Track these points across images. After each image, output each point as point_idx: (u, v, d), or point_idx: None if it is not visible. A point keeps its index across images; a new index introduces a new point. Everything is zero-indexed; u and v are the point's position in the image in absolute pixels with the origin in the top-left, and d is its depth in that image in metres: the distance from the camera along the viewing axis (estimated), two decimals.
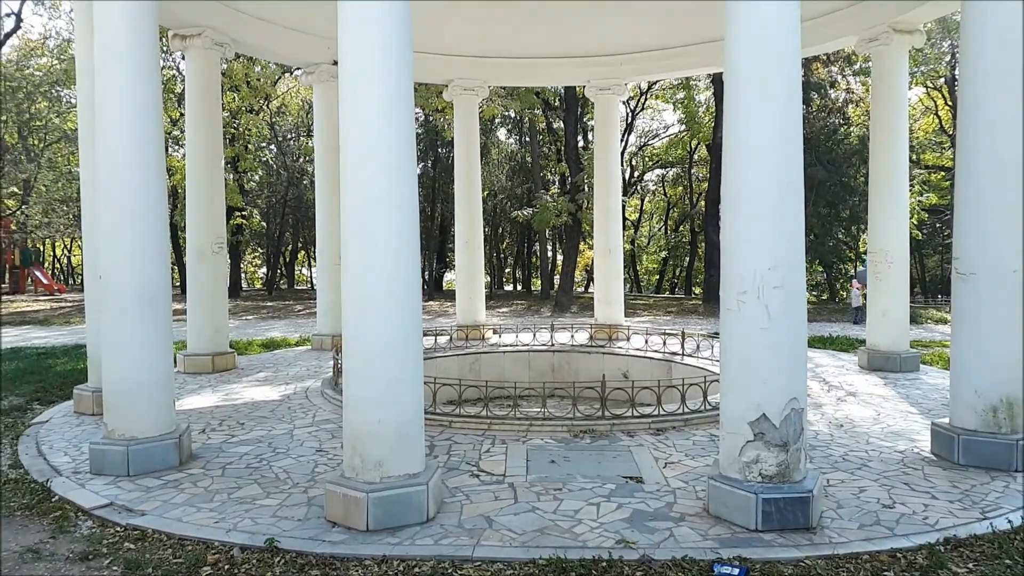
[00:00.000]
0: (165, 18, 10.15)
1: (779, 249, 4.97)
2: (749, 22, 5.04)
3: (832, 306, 26.52)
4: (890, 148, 10.71)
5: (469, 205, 14.60)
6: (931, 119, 32.89)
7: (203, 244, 11.03)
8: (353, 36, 5.09)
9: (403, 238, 5.12)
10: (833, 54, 25.45)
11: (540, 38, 12.97)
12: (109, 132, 6.23)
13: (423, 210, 33.85)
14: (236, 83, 25.61)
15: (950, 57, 27.07)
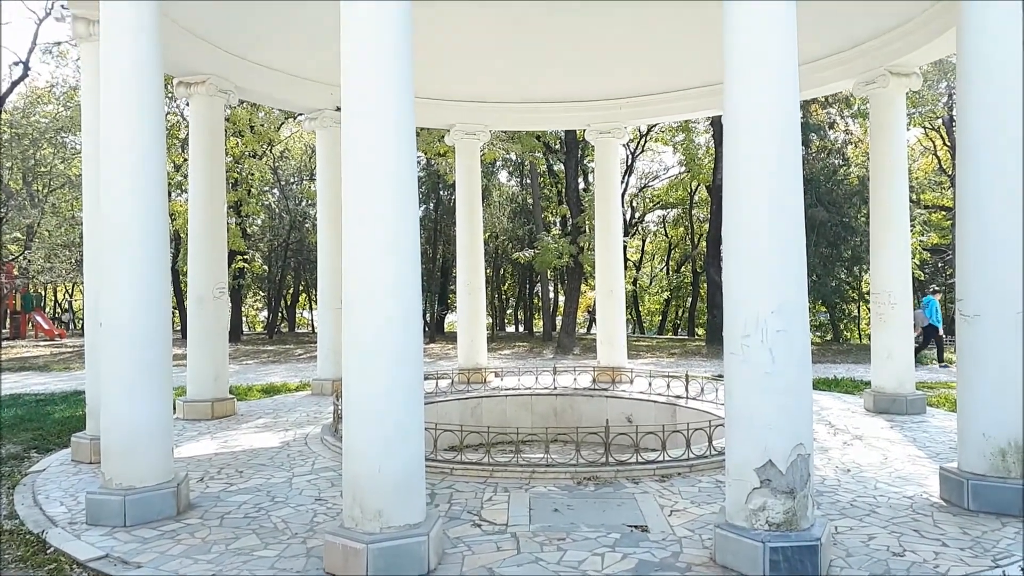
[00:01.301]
0: (170, 66, 10.29)
1: (782, 292, 4.94)
2: (747, 68, 5.08)
3: (836, 347, 26.39)
4: (890, 189, 10.75)
5: (471, 247, 14.63)
6: (930, 159, 33.15)
7: (204, 289, 11.03)
8: (356, 84, 5.14)
9: (405, 282, 5.10)
10: (831, 96, 25.75)
11: (541, 84, 13.14)
12: (112, 179, 6.26)
13: (425, 252, 33.96)
14: (240, 128, 25.92)
15: (947, 98, 27.38)
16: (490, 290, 39.70)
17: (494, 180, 37.37)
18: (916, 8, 9.30)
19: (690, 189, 36.68)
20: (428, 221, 34.47)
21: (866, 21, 9.97)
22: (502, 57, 11.75)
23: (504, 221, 38.63)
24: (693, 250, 37.90)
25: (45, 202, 32.92)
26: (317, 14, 9.14)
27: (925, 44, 9.62)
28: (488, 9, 9.97)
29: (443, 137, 15.77)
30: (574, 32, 10.69)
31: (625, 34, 10.78)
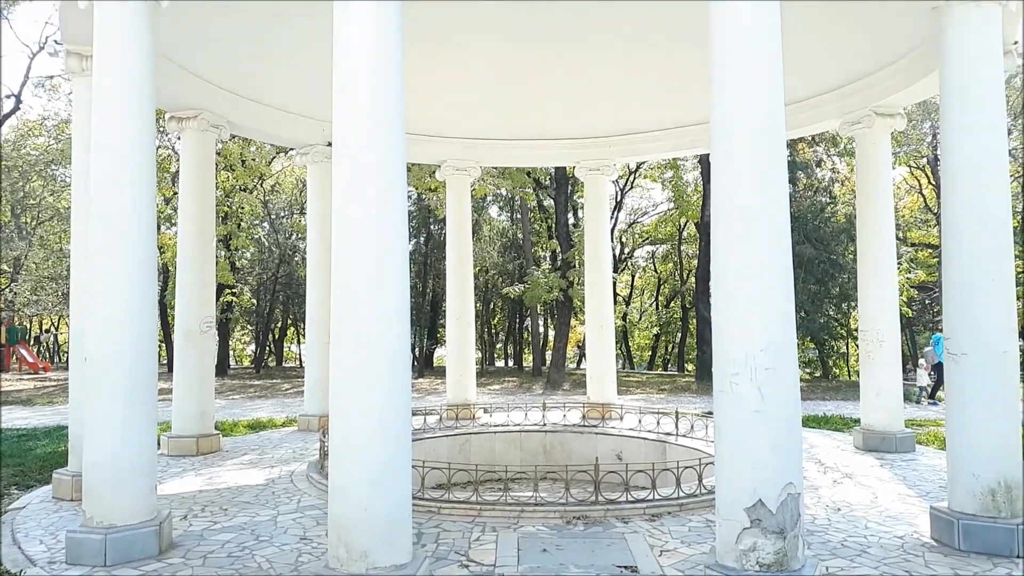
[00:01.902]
0: (162, 100, 10.33)
1: (771, 330, 4.96)
2: (733, 108, 5.15)
3: (825, 384, 26.41)
4: (876, 227, 10.85)
5: (461, 282, 14.62)
6: (916, 197, 33.53)
7: (191, 324, 10.95)
8: (347, 120, 5.19)
9: (394, 316, 5.10)
10: (818, 135, 26.10)
11: (531, 121, 13.26)
12: (101, 213, 6.24)
13: (415, 286, 33.93)
14: (231, 163, 25.97)
15: (932, 137, 27.78)
16: (480, 324, 39.62)
17: (484, 215, 37.53)
18: (900, 51, 9.47)
19: (679, 225, 36.89)
20: (418, 255, 34.49)
21: (851, 63, 10.15)
22: (493, 95, 11.87)
23: (494, 255, 38.71)
24: (682, 286, 38.03)
25: (33, 234, 32.78)
26: (310, 51, 9.23)
27: (909, 86, 9.78)
28: (479, 49, 10.11)
29: (434, 172, 15.84)
30: (564, 71, 10.83)
31: (614, 73, 10.93)
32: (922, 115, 26.95)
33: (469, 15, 9.10)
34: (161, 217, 26.82)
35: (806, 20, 8.44)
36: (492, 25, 9.41)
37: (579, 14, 9.08)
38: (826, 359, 31.04)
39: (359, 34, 5.24)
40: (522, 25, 9.37)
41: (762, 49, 5.17)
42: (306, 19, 8.65)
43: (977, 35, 6.43)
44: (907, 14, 7.96)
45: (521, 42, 9.91)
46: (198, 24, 8.73)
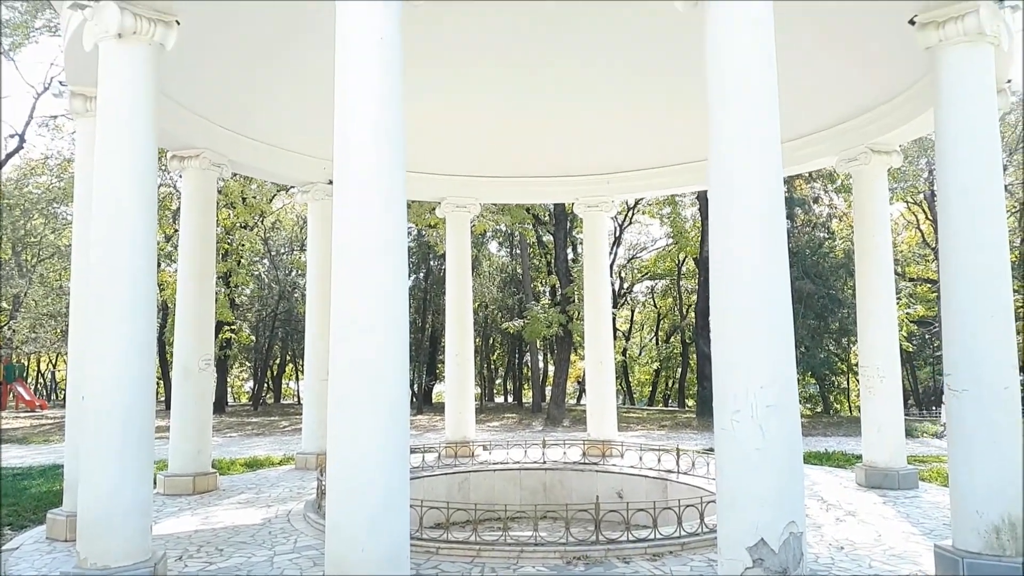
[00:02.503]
0: (164, 139, 10.42)
1: (771, 367, 4.96)
2: (731, 146, 5.20)
3: (827, 419, 26.26)
4: (875, 263, 10.87)
5: (460, 318, 14.61)
6: (914, 233, 33.68)
7: (190, 361, 10.92)
8: (348, 159, 5.24)
9: (392, 353, 5.10)
10: (815, 171, 26.29)
11: (530, 159, 13.38)
12: (102, 252, 6.27)
13: (414, 322, 33.89)
14: (232, 200, 26.13)
15: (928, 173, 27.99)
16: (479, 360, 39.50)
17: (484, 250, 37.63)
18: (895, 89, 9.59)
19: (677, 260, 37.00)
20: (418, 291, 34.53)
21: (847, 101, 10.28)
22: (492, 133, 12.00)
23: (494, 291, 38.74)
24: (682, 321, 38.00)
25: (33, 272, 32.82)
26: (311, 90, 9.34)
27: (905, 123, 9.88)
28: (479, 87, 10.24)
29: (434, 209, 15.93)
30: (562, 109, 10.96)
31: (612, 110, 11.06)
32: (918, 151, 27.18)
33: (469, 54, 9.24)
34: (161, 255, 26.92)
35: (802, 59, 8.57)
36: (491, 63, 9.56)
37: (577, 52, 9.22)
38: (827, 394, 30.92)
39: (361, 74, 5.32)
40: (521, 64, 9.51)
41: (759, 87, 5.24)
42: (308, 59, 8.78)
43: (971, 74, 6.52)
44: (902, 53, 8.07)
45: (520, 80, 10.04)
46: (201, 65, 8.86)
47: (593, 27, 8.45)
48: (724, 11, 5.34)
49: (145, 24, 6.45)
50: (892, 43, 7.86)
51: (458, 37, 8.71)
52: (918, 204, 31.87)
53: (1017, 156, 26.18)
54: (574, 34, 8.69)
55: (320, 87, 7.33)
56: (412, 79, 5.98)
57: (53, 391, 51.45)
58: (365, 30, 5.37)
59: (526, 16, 8.17)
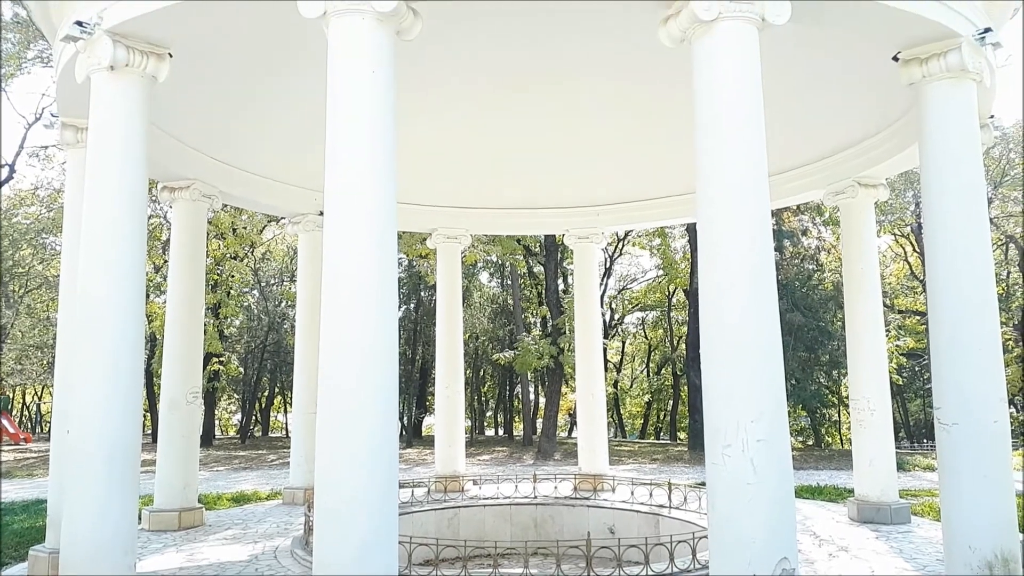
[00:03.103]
0: (155, 171, 10.40)
1: (761, 401, 4.95)
2: (718, 178, 5.24)
3: (818, 452, 26.19)
4: (863, 296, 10.92)
5: (450, 350, 14.54)
6: (902, 265, 33.92)
7: (177, 394, 10.80)
8: (339, 190, 5.26)
9: (381, 385, 5.07)
10: (803, 204, 26.52)
11: (521, 191, 13.44)
12: (90, 283, 6.24)
13: (404, 353, 33.73)
14: (222, 231, 26.09)
15: (915, 206, 28.28)
16: (470, 392, 39.29)
17: (475, 281, 37.64)
18: (880, 124, 9.71)
19: (668, 292, 37.10)
20: (408, 322, 34.42)
21: (833, 136, 10.39)
22: (483, 165, 12.06)
23: (485, 322, 38.67)
24: (673, 352, 37.97)
25: (21, 303, 32.59)
26: (303, 122, 9.37)
27: (891, 157, 10.00)
28: (470, 119, 10.31)
29: (425, 239, 15.95)
30: (552, 142, 11.04)
31: (601, 144, 11.14)
32: (904, 184, 27.49)
33: (460, 86, 9.31)
34: (151, 286, 26.79)
35: (789, 94, 8.67)
36: (482, 96, 9.63)
37: (567, 85, 9.30)
38: (818, 427, 30.85)
39: (353, 106, 5.36)
40: (512, 96, 9.59)
41: (745, 123, 5.30)
42: (300, 91, 8.81)
43: (954, 110, 6.62)
44: (887, 89, 8.18)
45: (511, 113, 10.12)
46: (193, 96, 8.89)
47: (582, 61, 8.54)
48: (710, 49, 5.42)
49: (138, 57, 6.49)
50: (877, 79, 7.97)
51: (449, 70, 8.79)
52: (905, 236, 32.15)
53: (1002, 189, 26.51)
54: (564, 68, 8.78)
55: (312, 119, 7.37)
56: (403, 111, 6.02)
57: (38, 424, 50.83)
58: (357, 64, 5.43)
59: (517, 49, 8.26)
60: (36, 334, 33.00)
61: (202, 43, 7.31)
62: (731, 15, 5.41)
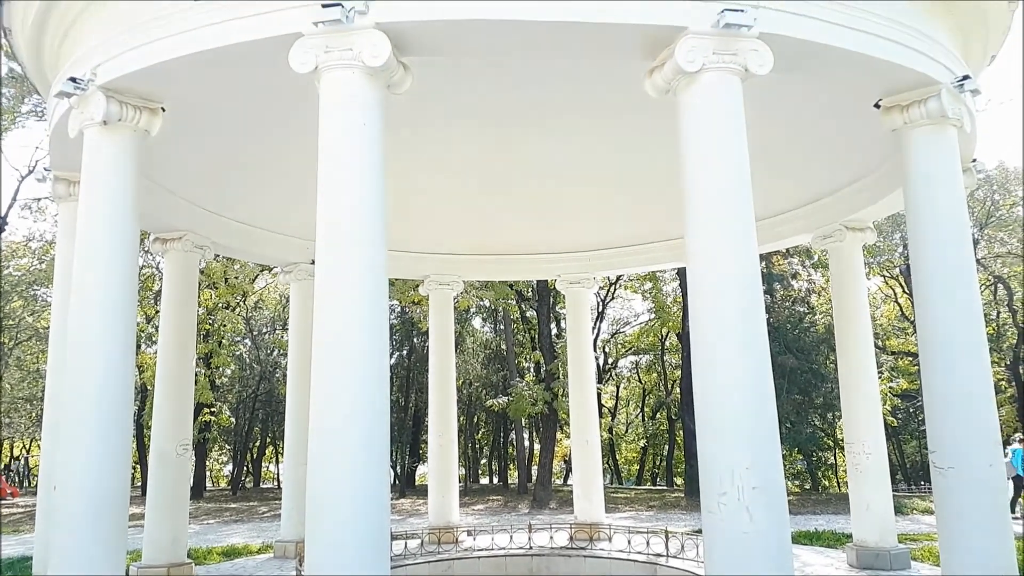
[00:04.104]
0: (147, 222, 10.42)
1: (756, 447, 4.92)
2: (706, 223, 5.29)
3: (815, 496, 25.94)
4: (855, 338, 10.93)
5: (443, 397, 14.44)
6: (892, 306, 34.08)
7: (167, 447, 10.65)
8: (331, 239, 5.29)
9: (373, 436, 5.03)
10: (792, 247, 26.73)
11: (512, 237, 13.51)
12: (80, 335, 6.20)
13: (396, 401, 33.49)
14: (214, 281, 26.08)
15: (903, 248, 28.55)
16: (463, 439, 38.93)
17: (468, 327, 37.56)
18: (865, 168, 9.83)
19: (660, 335, 37.10)
20: (400, 369, 34.26)
21: (818, 180, 10.51)
22: (473, 211, 12.14)
23: (478, 368, 38.51)
24: (667, 397, 37.81)
25: (10, 355, 32.34)
26: (294, 172, 9.46)
27: (876, 202, 10.11)
28: (459, 166, 10.42)
29: (417, 286, 15.96)
30: (542, 188, 11.13)
31: (591, 190, 11.24)
32: (892, 227, 27.79)
33: (449, 134, 9.42)
34: (142, 336, 26.65)
35: (773, 140, 8.81)
36: (472, 143, 9.74)
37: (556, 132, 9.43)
38: (815, 471, 30.64)
39: (343, 157, 5.43)
40: (501, 143, 9.71)
41: (731, 169, 5.38)
42: (291, 141, 8.89)
43: (936, 155, 6.74)
44: (870, 135, 8.32)
45: (501, 159, 10.22)
46: (185, 147, 8.95)
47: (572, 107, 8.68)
48: (695, 100, 5.54)
49: (131, 111, 6.55)
50: (860, 125, 8.10)
51: (439, 118, 8.90)
52: (895, 278, 32.39)
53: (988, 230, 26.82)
54: (553, 114, 8.91)
55: (303, 169, 7.43)
56: (393, 159, 6.09)
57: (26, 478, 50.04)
58: (348, 117, 5.51)
59: (505, 97, 8.38)
60: (25, 386, 32.67)
61: (195, 97, 7.39)
62: (714, 66, 5.53)
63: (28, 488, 41.28)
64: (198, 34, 5.88)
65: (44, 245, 29.91)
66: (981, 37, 7.64)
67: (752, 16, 5.47)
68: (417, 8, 5.51)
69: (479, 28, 5.68)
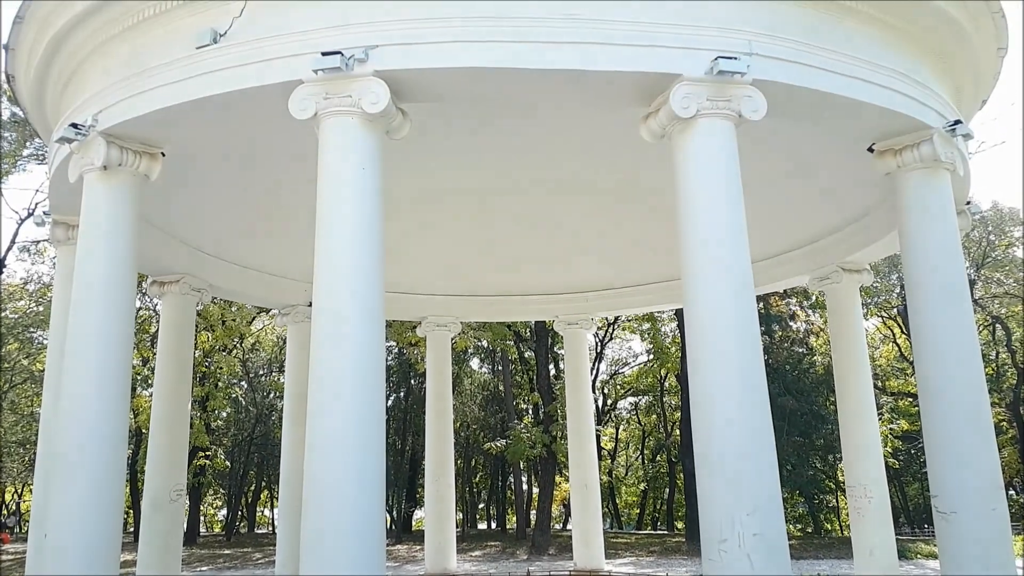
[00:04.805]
0: (145, 264, 10.40)
1: (756, 492, 4.88)
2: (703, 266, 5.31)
3: (817, 540, 25.59)
4: (854, 380, 10.87)
5: (440, 441, 14.30)
6: (891, 347, 34.01)
7: (160, 492, 10.48)
8: (328, 281, 5.30)
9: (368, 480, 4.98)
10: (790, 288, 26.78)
11: (510, 278, 13.52)
12: (74, 379, 6.16)
13: (393, 444, 33.17)
14: (211, 323, 26.03)
15: (900, 288, 28.60)
16: (460, 483, 38.46)
17: (465, 368, 37.39)
18: (860, 211, 9.87)
19: (659, 376, 36.94)
20: (397, 411, 34.00)
21: (814, 223, 10.56)
22: (470, 252, 12.17)
23: (476, 409, 38.24)
24: (667, 439, 37.50)
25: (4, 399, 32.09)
26: (292, 214, 9.49)
27: (872, 243, 10.13)
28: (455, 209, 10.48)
29: (415, 328, 15.93)
30: (540, 230, 11.19)
31: (588, 232, 11.30)
32: (889, 267, 27.88)
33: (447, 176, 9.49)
34: (137, 379, 26.48)
35: (767, 183, 8.86)
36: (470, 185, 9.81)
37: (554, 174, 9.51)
38: (817, 514, 30.26)
39: (342, 201, 5.47)
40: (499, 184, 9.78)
41: (726, 213, 5.41)
42: (289, 184, 8.95)
43: (930, 198, 6.79)
44: (865, 176, 8.37)
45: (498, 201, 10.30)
46: (183, 191, 8.98)
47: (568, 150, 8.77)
48: (690, 145, 5.60)
49: (131, 156, 6.60)
50: (854, 168, 8.18)
51: (437, 161, 8.98)
52: (893, 319, 32.38)
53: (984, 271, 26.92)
54: (550, 157, 9.00)
55: (301, 211, 7.47)
56: (392, 201, 6.13)
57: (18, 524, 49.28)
58: (347, 162, 5.56)
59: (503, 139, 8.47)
60: (19, 430, 32.34)
61: (195, 141, 7.45)
62: (709, 112, 5.60)
63: (19, 534, 40.63)
64: (199, 81, 5.96)
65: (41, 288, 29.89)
66: (972, 83, 7.76)
67: (745, 63, 5.55)
68: (415, 57, 5.60)
69: (476, 76, 5.76)
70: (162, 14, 6.32)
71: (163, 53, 6.21)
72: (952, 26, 6.86)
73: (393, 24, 5.67)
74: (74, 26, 6.69)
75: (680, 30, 5.78)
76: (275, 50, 5.76)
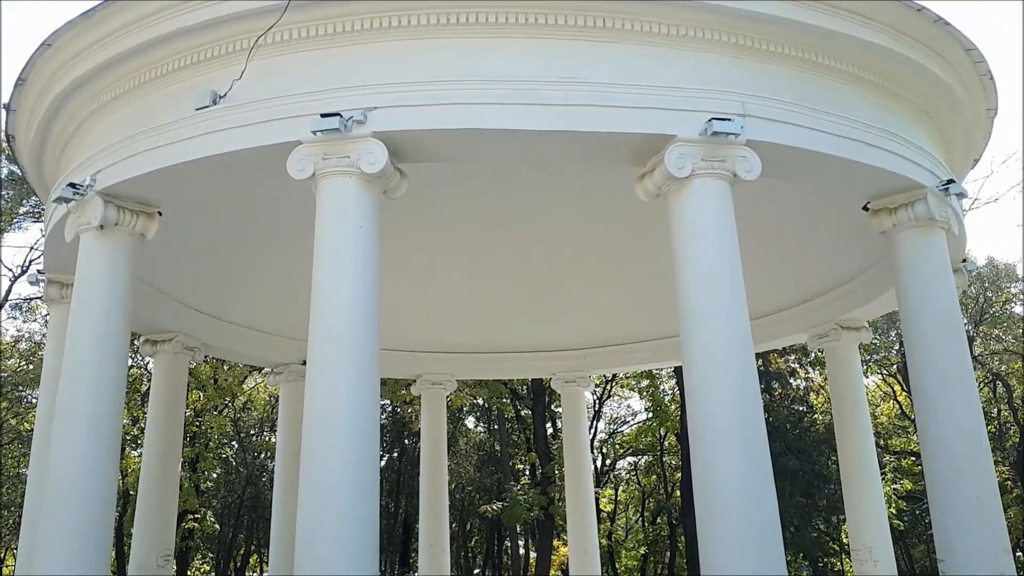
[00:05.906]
0: (138, 323, 10.35)
1: (760, 557, 4.75)
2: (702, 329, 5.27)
3: None
4: (856, 439, 10.74)
5: (435, 504, 14.01)
6: (892, 404, 33.73)
7: (148, 559, 10.18)
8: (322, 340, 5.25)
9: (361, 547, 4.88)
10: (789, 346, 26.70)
11: (506, 335, 13.46)
12: (64, 443, 6.05)
13: (386, 506, 32.56)
14: (203, 382, 25.79)
15: (899, 345, 28.51)
16: (455, 547, 37.62)
17: (461, 426, 36.98)
18: (856, 269, 9.90)
19: (659, 435, 36.49)
20: (391, 472, 33.47)
21: (810, 281, 10.59)
22: (465, 310, 12.16)
23: (471, 470, 37.66)
24: (668, 500, 36.83)
25: None
26: (287, 273, 9.48)
27: (870, 301, 10.14)
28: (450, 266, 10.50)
29: (409, 385, 15.78)
30: (536, 288, 11.20)
31: (584, 289, 11.31)
32: (887, 323, 27.85)
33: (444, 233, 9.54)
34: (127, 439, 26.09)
35: (764, 242, 8.91)
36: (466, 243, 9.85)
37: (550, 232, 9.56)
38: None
39: (338, 260, 5.45)
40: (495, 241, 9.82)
41: (723, 272, 5.41)
42: (284, 242, 8.97)
43: (926, 256, 6.81)
44: (861, 234, 8.41)
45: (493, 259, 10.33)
46: (178, 249, 8.99)
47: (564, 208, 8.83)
48: (685, 205, 5.64)
49: (128, 216, 6.61)
50: (850, 227, 8.23)
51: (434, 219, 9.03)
52: (893, 376, 32.19)
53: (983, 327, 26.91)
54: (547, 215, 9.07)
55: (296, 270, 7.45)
56: (387, 259, 6.11)
57: None
58: (344, 221, 5.56)
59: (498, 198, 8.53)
60: (4, 492, 31.69)
61: (191, 201, 7.49)
62: (704, 172, 5.65)
63: None
64: (197, 142, 6.01)
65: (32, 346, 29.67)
66: (963, 143, 7.88)
67: (739, 124, 5.62)
68: (414, 118, 5.66)
69: (474, 137, 5.82)
70: (163, 76, 6.42)
71: (163, 114, 6.28)
72: (943, 89, 6.99)
73: (392, 86, 5.75)
74: (76, 88, 6.78)
75: (674, 92, 5.88)
76: (274, 111, 5.82)
